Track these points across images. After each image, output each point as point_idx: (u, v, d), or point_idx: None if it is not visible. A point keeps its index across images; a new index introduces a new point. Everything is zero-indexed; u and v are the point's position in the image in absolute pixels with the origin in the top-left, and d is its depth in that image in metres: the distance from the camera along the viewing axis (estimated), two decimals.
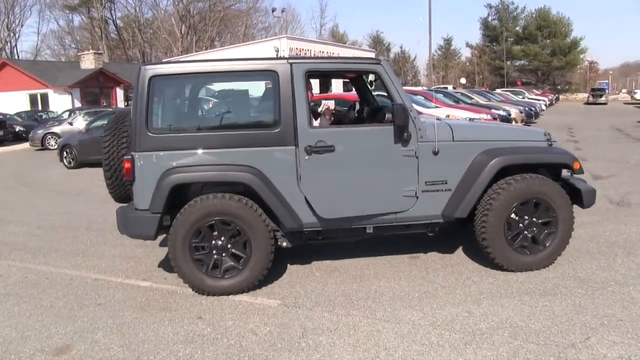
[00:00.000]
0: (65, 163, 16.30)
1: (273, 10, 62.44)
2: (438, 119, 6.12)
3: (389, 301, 4.96)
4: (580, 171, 5.70)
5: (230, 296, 5.17)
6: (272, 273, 5.41)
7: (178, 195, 5.16)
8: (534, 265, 5.53)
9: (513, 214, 5.43)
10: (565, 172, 5.92)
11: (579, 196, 5.68)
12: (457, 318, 4.54)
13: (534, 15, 77.73)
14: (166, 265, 5.87)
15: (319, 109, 6.86)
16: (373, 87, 6.90)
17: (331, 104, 4.63)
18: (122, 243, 6.97)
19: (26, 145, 24.77)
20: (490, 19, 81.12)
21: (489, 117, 17.71)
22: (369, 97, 6.83)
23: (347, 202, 5.24)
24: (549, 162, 5.72)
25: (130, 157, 5.08)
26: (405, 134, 5.23)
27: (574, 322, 4.38)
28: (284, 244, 5.45)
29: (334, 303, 4.95)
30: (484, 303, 4.82)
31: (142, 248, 6.77)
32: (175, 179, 4.99)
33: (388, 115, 5.55)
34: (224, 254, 5.16)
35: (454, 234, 6.37)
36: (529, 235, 5.52)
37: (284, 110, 5.08)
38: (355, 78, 6.96)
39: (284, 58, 5.26)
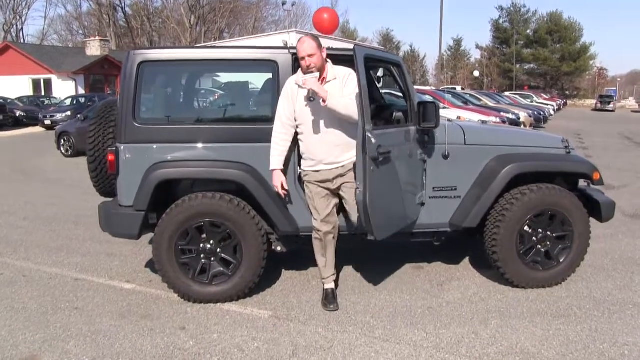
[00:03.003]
0: (63, 151, 16.07)
1: (283, 3, 61.57)
2: (449, 120, 5.72)
3: (389, 317, 4.56)
4: (600, 182, 5.29)
5: (218, 304, 4.78)
6: (264, 280, 5.01)
7: (166, 192, 4.77)
8: (546, 282, 5.13)
9: (526, 227, 5.03)
10: (581, 182, 5.54)
11: (597, 209, 5.28)
12: (463, 340, 4.15)
13: (545, 19, 77.23)
14: (153, 265, 5.48)
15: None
16: (381, 84, 6.50)
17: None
18: (109, 239, 6.50)
19: (26, 130, 24.48)
20: (501, 21, 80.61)
21: (497, 120, 17.35)
22: (375, 94, 6.41)
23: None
24: (568, 171, 5.31)
25: (114, 149, 4.69)
26: (427, 136, 4.86)
27: (591, 350, 3.98)
28: (279, 248, 5.05)
29: (329, 317, 4.56)
30: (492, 323, 4.43)
31: (131, 246, 6.38)
32: (162, 175, 4.60)
33: (397, 115, 5.13)
34: (212, 259, 4.76)
35: (459, 242, 5.96)
36: (542, 250, 5.11)
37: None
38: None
39: (285, 48, 4.86)
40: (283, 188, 4.54)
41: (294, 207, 4.79)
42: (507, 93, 41.61)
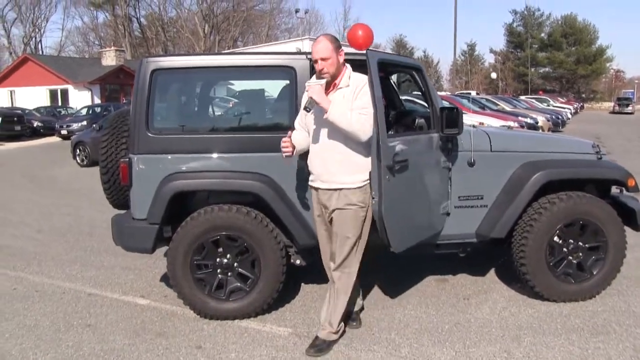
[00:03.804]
0: (78, 161, 16.08)
1: (296, 11, 61.94)
2: (473, 126, 5.50)
3: (415, 334, 4.34)
4: (635, 189, 5.02)
5: (236, 321, 4.58)
6: (283, 295, 4.80)
7: (180, 204, 4.59)
8: (579, 295, 4.87)
9: (556, 237, 4.78)
10: (613, 189, 5.28)
11: (632, 217, 5.01)
12: (495, 359, 3.91)
13: (559, 22, 76.58)
14: (168, 279, 5.29)
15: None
16: (400, 90, 6.28)
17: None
18: (124, 252, 6.27)
19: (43, 140, 24.58)
20: (515, 25, 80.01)
21: (516, 124, 17.07)
22: (395, 101, 6.20)
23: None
24: (600, 177, 5.06)
25: (127, 159, 4.53)
26: (451, 142, 4.64)
27: None
28: (298, 261, 4.83)
29: (352, 334, 4.33)
30: (525, 341, 4.18)
31: (145, 258, 6.20)
32: (176, 186, 4.42)
33: (419, 121, 4.92)
34: (229, 274, 4.56)
35: (484, 252, 5.71)
36: (574, 262, 4.85)
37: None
38: (381, 79, 6.32)
39: (302, 53, 4.66)
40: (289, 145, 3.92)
41: (313, 219, 4.57)
42: (523, 97, 41.17)
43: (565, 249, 4.83)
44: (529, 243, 4.71)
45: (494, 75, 51.63)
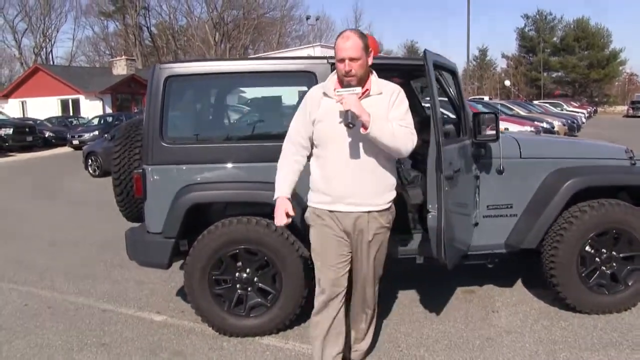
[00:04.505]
0: (90, 171, 15.94)
1: (307, 18, 61.97)
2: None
3: (445, 350, 4.12)
4: None
5: (257, 338, 4.37)
6: (305, 309, 4.56)
7: (197, 217, 4.40)
8: (614, 308, 4.64)
9: (588, 247, 4.57)
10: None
11: None
12: None
13: (571, 26, 76.10)
14: (185, 294, 5.12)
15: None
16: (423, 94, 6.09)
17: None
18: (138, 265, 6.22)
19: (55, 150, 24.59)
20: (527, 29, 79.62)
21: (532, 129, 16.84)
22: (417, 107, 6.00)
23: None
24: (635, 184, 4.82)
25: (141, 171, 4.35)
26: (484, 149, 4.45)
27: None
28: None
29: (379, 351, 4.12)
30: (561, 357, 3.96)
31: (160, 272, 5.96)
32: (193, 198, 4.24)
33: (447, 127, 4.71)
34: (249, 289, 4.36)
35: (509, 261, 5.48)
36: (607, 272, 4.63)
37: None
38: (403, 84, 6.12)
39: (323, 57, 4.47)
40: (288, 216, 3.37)
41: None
42: (536, 102, 40.90)
43: (597, 259, 4.63)
44: (559, 253, 4.51)
45: (507, 82, 51.38)
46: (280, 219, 3.37)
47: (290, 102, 5.21)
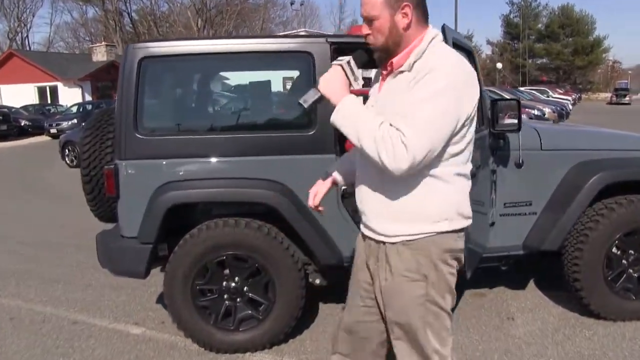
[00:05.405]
0: (67, 161, 15.46)
1: (291, 3, 61.27)
2: None
3: None
4: None
5: (248, 354, 3.88)
6: (300, 320, 4.09)
7: (178, 218, 3.86)
8: None
9: (615, 248, 4.17)
10: None
11: None
12: None
13: (556, 13, 76.50)
14: None
15: None
16: None
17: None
18: None
19: (31, 139, 24.02)
20: (512, 16, 79.67)
21: (524, 116, 16.49)
22: None
23: None
24: None
25: (113, 166, 3.79)
26: (503, 140, 4.02)
27: None
28: (317, 281, 4.13)
29: None
30: None
31: None
32: (174, 197, 3.70)
33: None
34: (238, 300, 3.85)
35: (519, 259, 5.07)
36: (635, 275, 4.24)
37: (321, 106, 3.73)
38: None
39: (322, 36, 3.94)
40: (315, 201, 2.57)
41: (337, 233, 3.87)
42: (522, 88, 40.81)
43: (624, 261, 4.23)
44: (584, 255, 4.10)
45: (499, 65, 51.22)
46: (309, 200, 2.59)
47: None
